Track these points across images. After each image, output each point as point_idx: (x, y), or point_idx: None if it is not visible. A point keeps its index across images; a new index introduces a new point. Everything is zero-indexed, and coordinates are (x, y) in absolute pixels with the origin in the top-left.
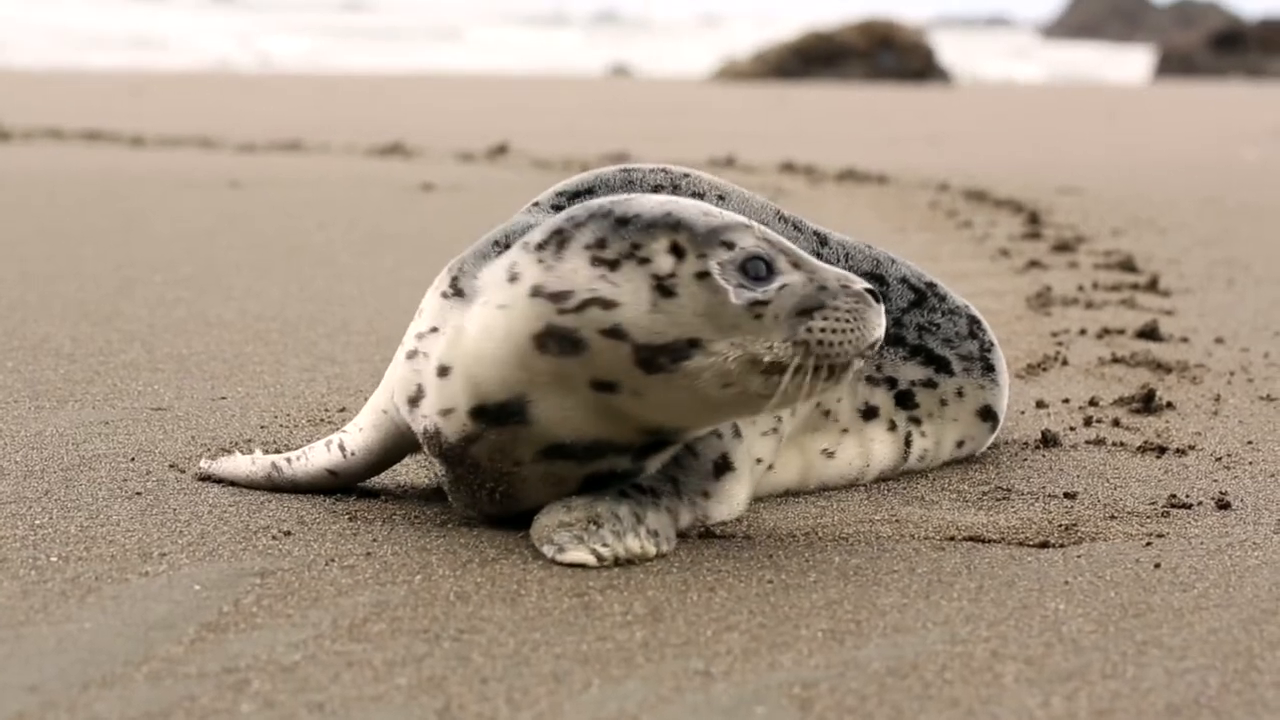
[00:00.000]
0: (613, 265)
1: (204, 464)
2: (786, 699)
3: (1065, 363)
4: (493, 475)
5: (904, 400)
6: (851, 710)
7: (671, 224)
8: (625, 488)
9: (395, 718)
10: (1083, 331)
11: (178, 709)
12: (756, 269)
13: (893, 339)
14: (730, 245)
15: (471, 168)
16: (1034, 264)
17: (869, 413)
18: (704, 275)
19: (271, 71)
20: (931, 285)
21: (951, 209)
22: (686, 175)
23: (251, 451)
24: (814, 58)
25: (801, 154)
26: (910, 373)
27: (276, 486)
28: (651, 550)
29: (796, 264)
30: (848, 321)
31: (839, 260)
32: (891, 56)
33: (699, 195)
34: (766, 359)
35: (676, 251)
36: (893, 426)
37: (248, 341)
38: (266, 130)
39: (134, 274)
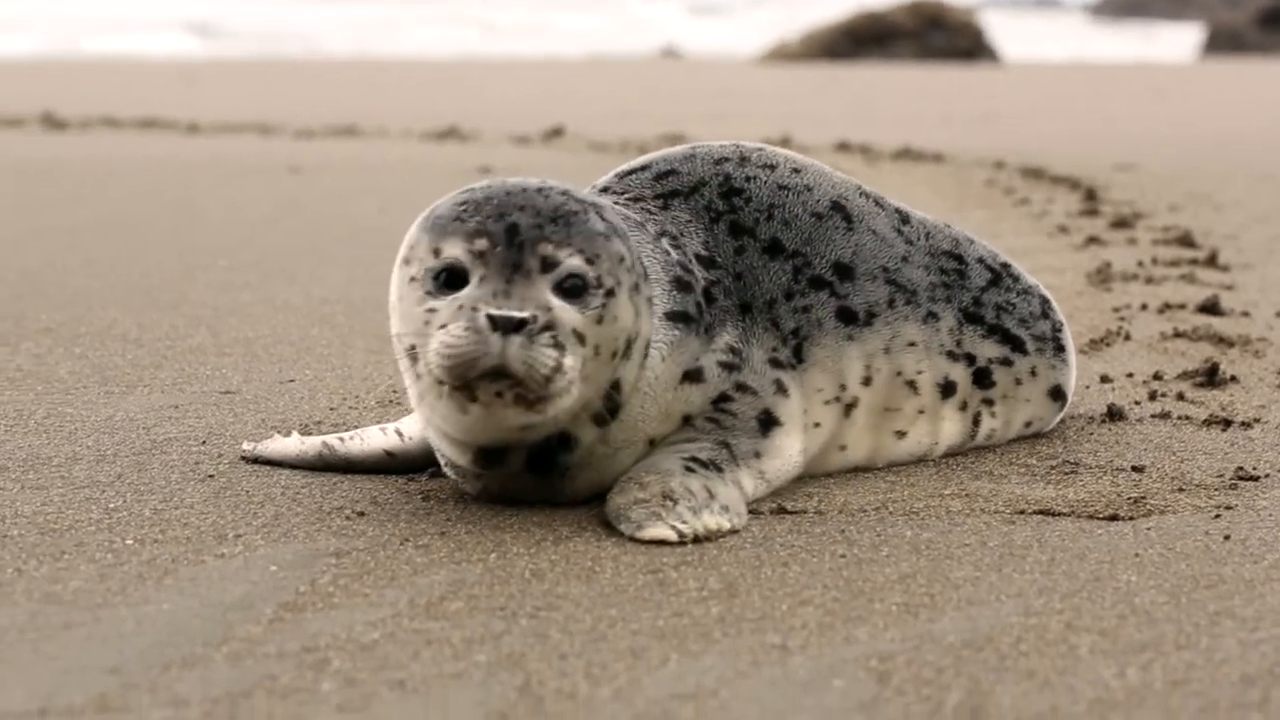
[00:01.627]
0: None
1: (247, 446)
2: (864, 671)
3: (1128, 337)
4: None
5: (981, 378)
6: (928, 682)
7: (420, 227)
8: (689, 462)
9: (476, 695)
10: (1144, 306)
11: (259, 688)
12: (451, 280)
13: (971, 317)
14: (437, 253)
15: (528, 151)
16: (1093, 240)
17: (947, 388)
18: (412, 280)
19: (320, 57)
20: (1006, 266)
21: (1009, 186)
22: (760, 149)
23: (308, 434)
24: (864, 38)
25: (856, 134)
26: (988, 350)
27: (329, 465)
28: (727, 526)
29: (484, 280)
30: (454, 341)
31: (920, 238)
32: (941, 36)
33: (770, 167)
34: (418, 368)
35: (407, 257)
36: (964, 406)
37: (313, 325)
38: (321, 116)
39: (196, 260)
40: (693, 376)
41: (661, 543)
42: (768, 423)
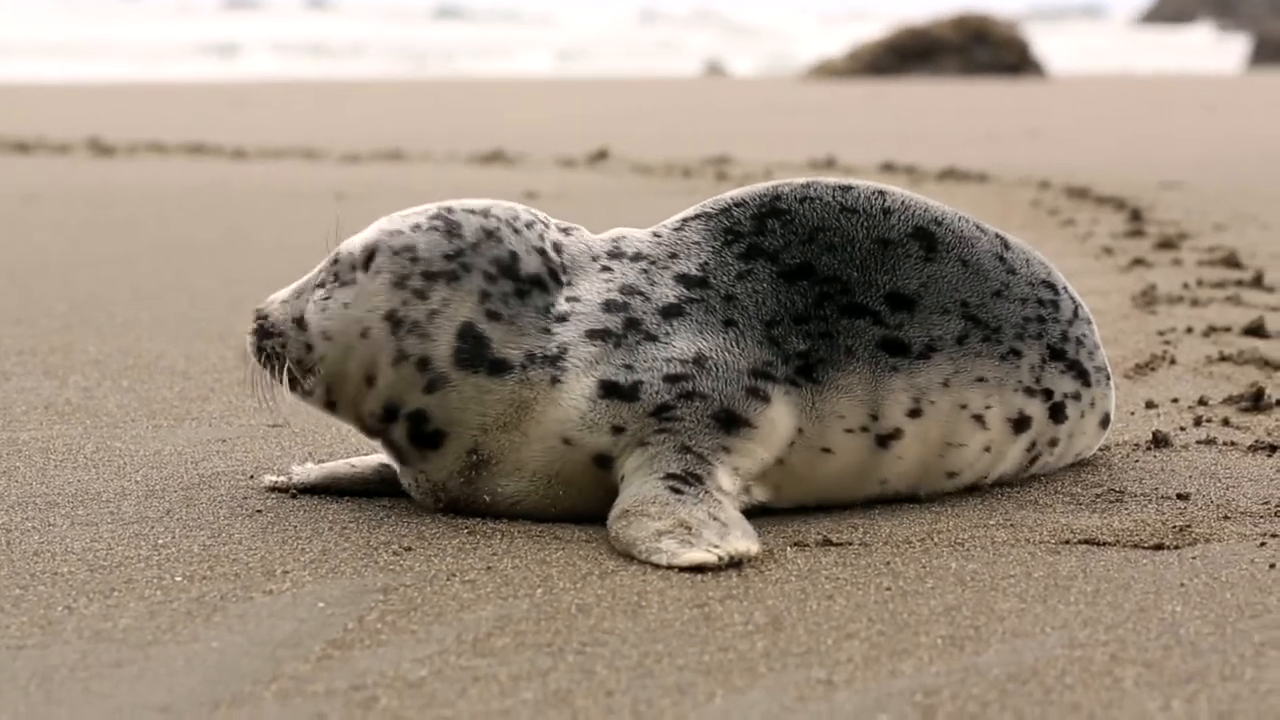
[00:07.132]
0: None
1: (273, 479)
2: (909, 706)
3: (1173, 362)
4: None
5: (1056, 413)
6: (974, 716)
7: None
8: (669, 481)
9: None
10: (1189, 330)
11: None
12: None
13: (1056, 353)
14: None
15: (574, 174)
16: (1138, 262)
17: (1021, 423)
18: None
19: (367, 78)
20: (1068, 289)
21: (1053, 207)
22: (881, 192)
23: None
24: (908, 53)
25: (901, 153)
26: (1065, 385)
27: (385, 480)
28: (754, 549)
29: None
30: None
31: (1022, 265)
32: (986, 50)
33: (844, 189)
34: None
35: None
36: (1034, 443)
37: None
38: (366, 140)
39: (243, 290)
40: (614, 390)
41: (701, 569)
42: (731, 422)
